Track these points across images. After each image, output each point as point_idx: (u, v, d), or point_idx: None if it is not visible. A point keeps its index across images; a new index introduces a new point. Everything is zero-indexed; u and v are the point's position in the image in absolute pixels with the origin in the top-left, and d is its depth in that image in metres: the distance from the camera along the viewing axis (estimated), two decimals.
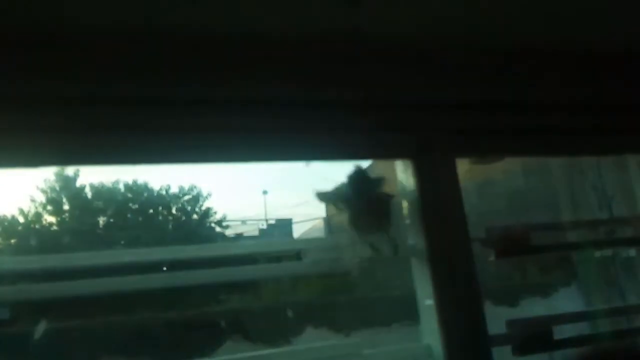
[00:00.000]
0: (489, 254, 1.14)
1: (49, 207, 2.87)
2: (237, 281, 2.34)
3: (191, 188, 3.25)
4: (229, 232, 3.33)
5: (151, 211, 3.16)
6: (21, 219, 2.80)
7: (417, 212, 1.07)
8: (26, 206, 2.82)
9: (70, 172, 2.95)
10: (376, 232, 1.07)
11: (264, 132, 1.02)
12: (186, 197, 3.26)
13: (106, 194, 3.04)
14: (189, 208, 3.27)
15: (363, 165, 1.13)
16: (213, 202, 3.30)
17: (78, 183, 2.98)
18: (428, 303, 1.05)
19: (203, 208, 3.27)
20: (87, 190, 2.98)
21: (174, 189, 3.24)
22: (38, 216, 2.84)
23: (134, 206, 3.10)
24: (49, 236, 2.85)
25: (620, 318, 1.35)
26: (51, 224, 2.88)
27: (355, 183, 1.09)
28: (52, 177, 2.91)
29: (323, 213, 2.79)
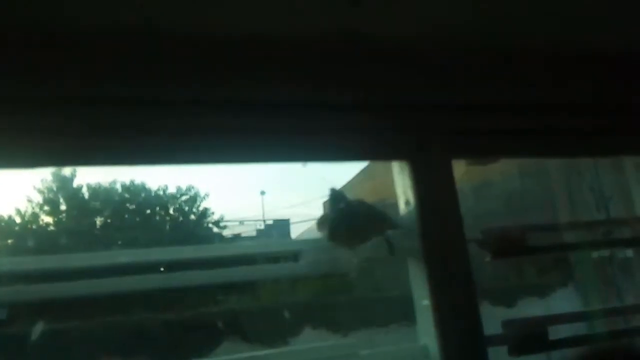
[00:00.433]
0: (486, 255, 1.14)
1: (46, 208, 2.87)
2: (235, 282, 2.33)
3: (189, 188, 3.25)
4: (227, 233, 3.33)
5: (148, 212, 3.16)
6: (18, 220, 2.79)
7: (414, 213, 1.07)
8: (23, 206, 2.82)
9: (67, 173, 2.95)
10: (369, 240, 1.08)
11: (263, 133, 1.02)
12: (184, 198, 3.25)
13: (103, 195, 3.03)
14: (187, 208, 3.26)
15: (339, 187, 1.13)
16: (211, 203, 3.30)
17: (75, 183, 2.98)
18: (425, 304, 1.05)
19: (200, 208, 3.27)
20: (84, 190, 2.98)
21: (172, 190, 3.23)
22: (35, 216, 2.84)
23: (131, 206, 3.10)
24: (46, 236, 2.84)
25: (617, 318, 1.36)
26: (48, 225, 2.87)
27: (333, 202, 1.09)
28: (49, 178, 2.90)
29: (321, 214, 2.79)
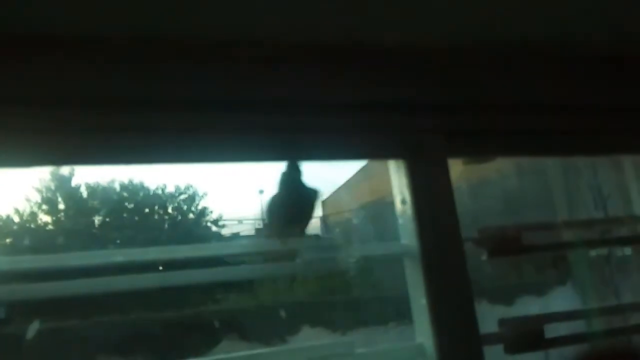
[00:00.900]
0: (482, 254, 1.14)
1: (44, 207, 2.86)
2: (233, 281, 2.33)
3: (187, 187, 3.24)
4: (225, 232, 3.32)
5: (147, 210, 3.16)
6: (16, 219, 2.79)
7: (410, 212, 1.07)
8: (21, 205, 2.81)
9: (65, 172, 2.94)
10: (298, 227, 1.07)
11: (261, 132, 1.02)
12: (182, 197, 3.25)
13: (101, 194, 3.03)
14: (185, 207, 3.26)
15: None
16: (209, 202, 3.29)
17: (73, 182, 2.97)
18: (421, 302, 1.05)
19: (199, 207, 3.26)
20: (83, 189, 2.97)
21: (170, 188, 3.23)
22: (33, 216, 2.83)
23: (130, 205, 3.09)
24: (44, 236, 2.84)
25: (614, 317, 1.36)
26: (46, 224, 2.87)
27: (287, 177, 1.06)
28: (48, 177, 2.89)
29: (319, 212, 2.79)
